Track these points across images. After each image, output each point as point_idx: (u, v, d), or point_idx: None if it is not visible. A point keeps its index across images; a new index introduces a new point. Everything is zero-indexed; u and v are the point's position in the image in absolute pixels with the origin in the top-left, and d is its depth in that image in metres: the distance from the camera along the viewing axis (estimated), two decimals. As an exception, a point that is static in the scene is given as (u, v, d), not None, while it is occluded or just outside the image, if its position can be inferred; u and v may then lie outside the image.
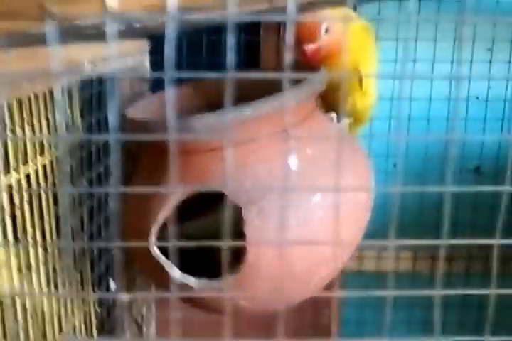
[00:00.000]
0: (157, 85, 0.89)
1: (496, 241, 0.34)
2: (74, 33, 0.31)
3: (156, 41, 0.88)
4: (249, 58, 0.97)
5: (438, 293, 0.33)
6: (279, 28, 0.95)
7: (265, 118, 0.58)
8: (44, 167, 0.61)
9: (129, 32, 0.51)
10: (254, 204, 0.59)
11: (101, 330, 0.79)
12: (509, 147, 1.07)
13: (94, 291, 0.73)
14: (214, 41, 0.94)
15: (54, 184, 0.63)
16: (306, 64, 0.70)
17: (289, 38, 0.30)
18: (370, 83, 0.79)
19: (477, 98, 1.10)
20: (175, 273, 0.63)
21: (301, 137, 0.62)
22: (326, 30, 0.70)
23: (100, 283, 0.74)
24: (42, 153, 0.61)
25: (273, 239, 0.59)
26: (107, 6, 0.30)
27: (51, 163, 0.62)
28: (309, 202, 0.60)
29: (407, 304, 1.11)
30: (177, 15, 0.30)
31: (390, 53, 0.98)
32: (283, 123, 0.61)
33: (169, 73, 0.29)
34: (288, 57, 0.28)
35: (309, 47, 0.69)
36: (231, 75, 0.28)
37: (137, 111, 0.70)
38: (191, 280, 0.63)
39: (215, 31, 0.92)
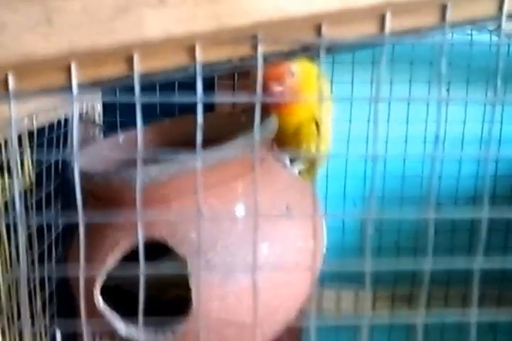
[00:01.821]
0: (110, 128, 0.88)
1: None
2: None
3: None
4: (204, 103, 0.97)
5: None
6: (233, 72, 0.95)
7: (211, 168, 0.58)
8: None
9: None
10: (199, 255, 0.58)
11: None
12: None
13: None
14: (168, 84, 0.94)
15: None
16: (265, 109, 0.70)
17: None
18: (327, 127, 0.79)
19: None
20: (120, 326, 0.61)
21: (247, 187, 0.62)
22: (293, 74, 0.71)
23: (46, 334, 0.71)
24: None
25: (219, 290, 0.58)
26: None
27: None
28: (256, 253, 0.59)
29: None
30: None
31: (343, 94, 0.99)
32: (230, 172, 0.61)
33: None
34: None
35: (277, 88, 0.69)
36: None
37: (87, 158, 0.69)
38: (139, 335, 0.61)
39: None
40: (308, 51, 0.31)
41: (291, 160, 0.78)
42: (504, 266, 0.33)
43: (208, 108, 0.99)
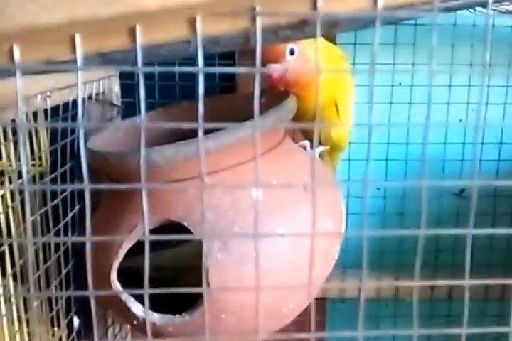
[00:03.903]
0: (128, 110, 0.88)
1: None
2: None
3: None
4: (225, 85, 0.96)
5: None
6: (253, 52, 0.94)
7: (228, 148, 0.57)
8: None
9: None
10: (216, 237, 0.57)
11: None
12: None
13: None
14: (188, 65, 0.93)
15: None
16: (278, 91, 0.69)
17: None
18: (347, 111, 0.78)
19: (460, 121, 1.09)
20: (137, 308, 0.61)
21: (265, 168, 0.61)
22: (292, 52, 0.69)
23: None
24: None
25: (235, 272, 0.57)
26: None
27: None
28: (274, 233, 0.59)
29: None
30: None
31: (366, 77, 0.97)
32: (247, 154, 0.60)
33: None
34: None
35: (275, 67, 0.67)
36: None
37: (103, 140, 0.69)
38: (154, 316, 0.61)
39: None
40: (307, 26, 0.31)
41: (312, 143, 0.77)
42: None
43: (229, 89, 0.98)
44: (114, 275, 0.61)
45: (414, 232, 0.31)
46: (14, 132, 0.58)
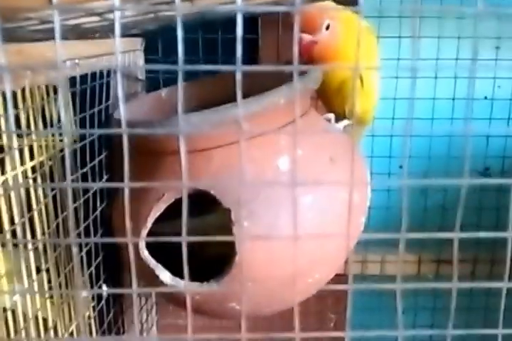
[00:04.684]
0: (152, 84, 0.88)
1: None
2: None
3: (151, 39, 0.87)
4: (248, 56, 0.95)
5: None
6: (277, 25, 0.93)
7: (253, 117, 0.57)
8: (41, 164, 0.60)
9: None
10: (242, 205, 0.58)
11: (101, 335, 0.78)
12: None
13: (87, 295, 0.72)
14: (210, 39, 0.93)
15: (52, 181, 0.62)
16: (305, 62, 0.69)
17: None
18: (372, 84, 0.78)
19: (485, 98, 1.07)
20: (165, 276, 0.62)
21: (289, 138, 0.61)
22: (327, 27, 0.69)
23: (92, 287, 0.72)
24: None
25: (262, 240, 0.57)
26: None
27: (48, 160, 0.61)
28: (300, 204, 0.59)
29: (411, 307, 1.09)
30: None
31: (392, 50, 0.97)
32: (273, 123, 0.60)
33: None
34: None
35: (306, 37, 0.67)
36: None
37: (129, 112, 0.69)
38: (181, 283, 0.61)
39: (212, 29, 0.90)
40: None
41: (337, 117, 0.77)
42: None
43: (252, 60, 0.97)
44: (142, 244, 0.61)
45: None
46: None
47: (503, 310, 0.34)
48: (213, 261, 0.62)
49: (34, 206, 0.59)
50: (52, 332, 0.64)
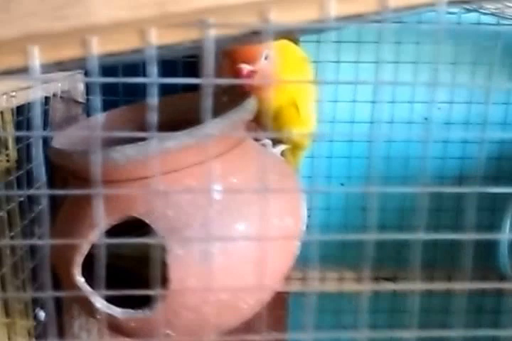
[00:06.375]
0: (94, 108, 0.88)
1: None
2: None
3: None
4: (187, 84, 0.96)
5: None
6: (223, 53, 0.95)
7: (188, 149, 0.58)
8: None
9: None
10: (176, 233, 0.59)
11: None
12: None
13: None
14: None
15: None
16: (240, 91, 0.71)
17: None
18: (307, 111, 0.80)
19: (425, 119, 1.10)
20: (99, 303, 0.62)
21: (226, 166, 0.62)
22: (266, 57, 0.71)
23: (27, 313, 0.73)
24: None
25: (195, 268, 0.59)
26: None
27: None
28: (233, 232, 0.60)
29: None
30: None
31: (331, 75, 0.99)
32: (208, 152, 0.61)
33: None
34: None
35: (246, 68, 0.69)
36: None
37: (68, 138, 0.70)
38: (116, 311, 0.62)
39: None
40: (259, 35, 0.32)
41: (274, 142, 0.79)
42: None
43: (195, 87, 0.98)
44: (77, 271, 0.62)
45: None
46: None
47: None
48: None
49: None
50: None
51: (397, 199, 1.05)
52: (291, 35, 0.63)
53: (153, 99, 0.28)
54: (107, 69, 0.33)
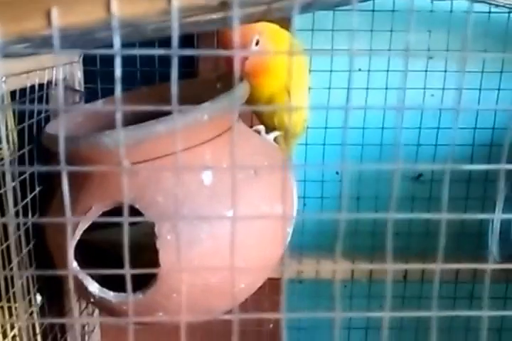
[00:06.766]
0: (92, 95, 0.89)
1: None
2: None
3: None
4: (187, 70, 0.97)
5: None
6: (214, 38, 0.95)
7: (178, 133, 0.59)
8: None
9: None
10: (166, 219, 0.60)
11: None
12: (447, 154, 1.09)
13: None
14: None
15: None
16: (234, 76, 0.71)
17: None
18: (300, 97, 0.80)
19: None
20: (93, 287, 0.63)
21: (216, 151, 0.63)
22: (257, 43, 0.72)
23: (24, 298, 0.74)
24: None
25: (185, 253, 0.60)
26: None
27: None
28: (222, 216, 0.61)
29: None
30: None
31: (324, 64, 0.99)
32: (198, 138, 0.62)
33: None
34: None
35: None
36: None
37: (62, 124, 0.70)
38: (109, 294, 0.63)
39: (149, 43, 0.92)
40: (227, 7, 0.32)
41: (268, 128, 0.80)
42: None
43: (190, 75, 0.99)
44: (71, 255, 0.63)
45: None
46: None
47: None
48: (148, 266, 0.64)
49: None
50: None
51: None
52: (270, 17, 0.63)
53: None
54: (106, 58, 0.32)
